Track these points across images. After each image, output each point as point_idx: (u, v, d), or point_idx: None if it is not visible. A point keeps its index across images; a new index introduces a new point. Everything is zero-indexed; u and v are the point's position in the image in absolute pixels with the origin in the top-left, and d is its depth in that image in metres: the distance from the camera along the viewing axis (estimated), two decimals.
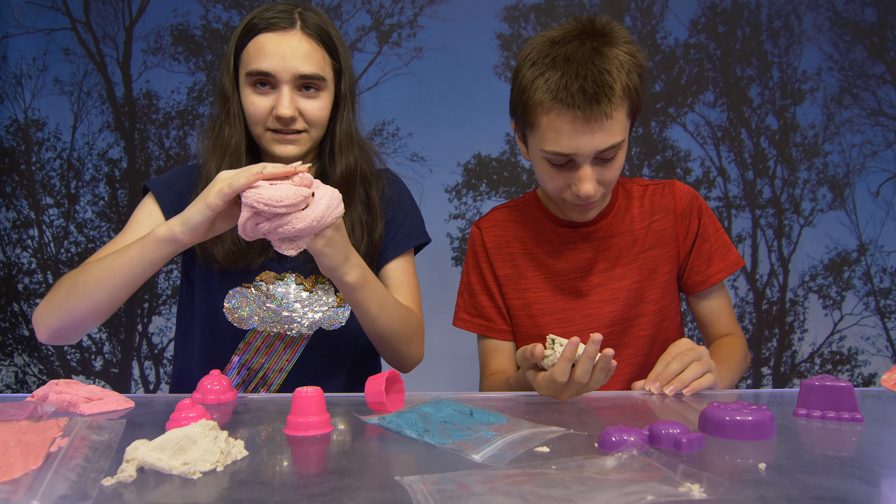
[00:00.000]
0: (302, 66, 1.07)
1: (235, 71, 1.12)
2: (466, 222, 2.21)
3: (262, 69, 1.07)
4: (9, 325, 2.25)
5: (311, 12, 1.12)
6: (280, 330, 1.17)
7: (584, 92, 1.00)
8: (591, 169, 1.06)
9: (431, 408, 0.78)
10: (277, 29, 1.07)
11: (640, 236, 1.21)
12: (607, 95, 1.00)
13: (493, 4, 2.18)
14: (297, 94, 1.09)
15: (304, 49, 1.08)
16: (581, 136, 1.02)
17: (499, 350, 1.27)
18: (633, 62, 1.05)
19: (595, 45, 1.03)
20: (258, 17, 1.09)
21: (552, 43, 1.05)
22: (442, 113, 2.19)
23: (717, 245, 1.22)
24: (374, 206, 1.19)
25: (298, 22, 1.09)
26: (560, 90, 1.01)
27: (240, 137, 1.13)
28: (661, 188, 1.24)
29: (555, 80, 1.01)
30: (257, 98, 1.09)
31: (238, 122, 1.13)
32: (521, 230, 1.25)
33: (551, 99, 1.02)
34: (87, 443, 0.68)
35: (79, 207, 2.24)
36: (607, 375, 0.88)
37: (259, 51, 1.07)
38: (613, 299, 1.20)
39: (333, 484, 0.57)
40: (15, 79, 2.21)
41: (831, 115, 2.19)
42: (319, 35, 1.10)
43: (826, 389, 0.80)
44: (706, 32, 2.19)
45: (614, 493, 0.53)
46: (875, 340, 2.22)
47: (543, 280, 1.22)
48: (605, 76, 1.01)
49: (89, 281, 1.00)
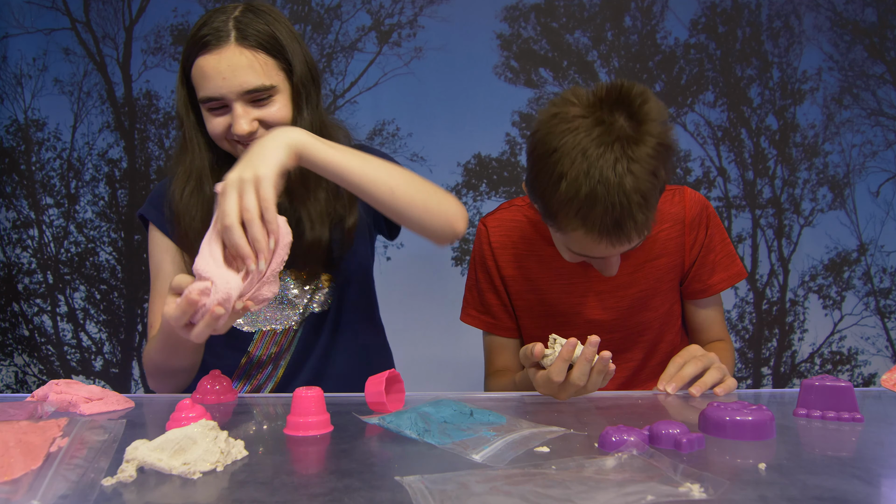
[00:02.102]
0: (245, 81, 1.03)
1: (190, 92, 1.09)
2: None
3: (209, 95, 1.04)
4: (9, 325, 2.25)
5: (249, 15, 1.06)
6: (282, 327, 1.18)
7: (618, 226, 0.95)
8: (615, 260, 1.09)
9: (431, 408, 0.78)
10: (213, 47, 1.03)
11: (648, 245, 1.19)
12: (631, 229, 0.96)
13: (493, 4, 2.17)
14: (250, 106, 1.05)
15: (243, 63, 1.03)
16: (609, 250, 1.01)
17: (504, 347, 1.27)
18: (661, 157, 0.97)
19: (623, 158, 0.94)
20: (195, 35, 1.05)
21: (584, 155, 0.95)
22: (442, 113, 2.19)
23: (721, 255, 1.21)
24: (344, 195, 1.15)
25: (233, 33, 1.03)
26: (595, 224, 0.96)
27: (202, 160, 1.11)
28: (671, 196, 1.21)
29: (590, 214, 0.95)
30: (214, 119, 1.07)
31: (197, 145, 1.12)
32: (528, 230, 1.24)
33: (585, 229, 0.97)
34: (87, 443, 0.68)
35: (79, 207, 2.24)
36: (605, 378, 0.88)
37: (201, 76, 1.04)
38: (617, 307, 1.19)
39: (333, 484, 0.57)
40: (15, 79, 2.21)
41: (831, 115, 2.19)
42: (258, 41, 1.04)
43: (826, 389, 0.80)
44: (706, 32, 2.19)
45: (614, 493, 0.53)
46: (875, 340, 2.22)
47: (548, 283, 1.22)
48: (640, 210, 0.95)
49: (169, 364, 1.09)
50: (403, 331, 2.10)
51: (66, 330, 2.25)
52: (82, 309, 2.25)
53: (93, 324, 2.25)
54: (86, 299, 2.25)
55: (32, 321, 2.24)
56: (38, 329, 2.25)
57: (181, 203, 1.12)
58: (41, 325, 2.25)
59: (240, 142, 1.07)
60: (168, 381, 1.12)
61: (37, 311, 2.24)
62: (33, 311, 2.24)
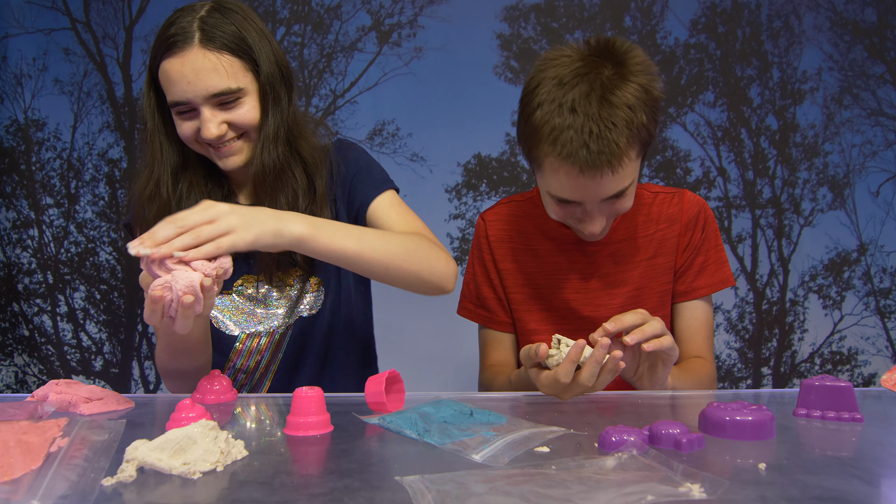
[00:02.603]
0: (210, 84, 1.01)
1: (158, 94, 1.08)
2: (466, 222, 2.21)
3: (175, 100, 1.03)
4: (9, 325, 2.26)
5: (216, 15, 1.03)
6: (264, 329, 1.16)
7: (589, 150, 0.96)
8: (598, 211, 1.06)
9: (431, 408, 0.78)
10: (176, 51, 1.01)
11: (644, 244, 1.20)
12: (612, 154, 0.97)
13: (493, 4, 2.17)
14: (217, 110, 1.04)
15: (207, 65, 1.01)
16: (586, 187, 1.01)
17: (499, 342, 1.27)
18: (644, 99, 0.99)
19: (604, 90, 0.97)
20: (161, 35, 1.03)
21: (560, 84, 0.99)
22: (442, 113, 2.19)
23: (711, 260, 1.20)
24: (319, 195, 1.14)
25: (197, 34, 1.01)
26: (565, 145, 0.98)
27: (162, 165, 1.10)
28: (670, 197, 1.22)
29: (560, 136, 0.98)
30: (183, 122, 1.06)
31: (158, 150, 1.10)
32: (525, 225, 1.25)
33: (556, 154, 0.99)
34: (87, 443, 0.68)
35: (79, 207, 2.24)
36: (613, 376, 0.88)
37: (167, 80, 1.03)
38: (611, 304, 1.19)
39: (333, 484, 0.57)
40: (15, 79, 2.21)
41: (831, 115, 2.19)
42: (223, 43, 1.02)
43: (826, 389, 0.80)
44: (706, 32, 2.19)
45: (614, 493, 0.53)
46: (875, 340, 2.22)
47: (544, 278, 1.22)
48: (610, 133, 0.96)
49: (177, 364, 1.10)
50: (403, 330, 2.11)
51: (66, 330, 2.25)
52: (82, 309, 2.25)
53: (93, 324, 2.25)
54: (86, 299, 2.25)
55: (32, 321, 2.24)
56: (38, 329, 2.25)
57: (139, 204, 1.12)
58: (41, 325, 2.25)
59: (210, 144, 1.07)
60: (180, 382, 1.12)
61: (37, 311, 2.24)
62: (33, 311, 2.24)
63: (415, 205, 2.25)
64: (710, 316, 1.23)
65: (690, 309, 1.21)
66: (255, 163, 1.09)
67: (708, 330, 1.22)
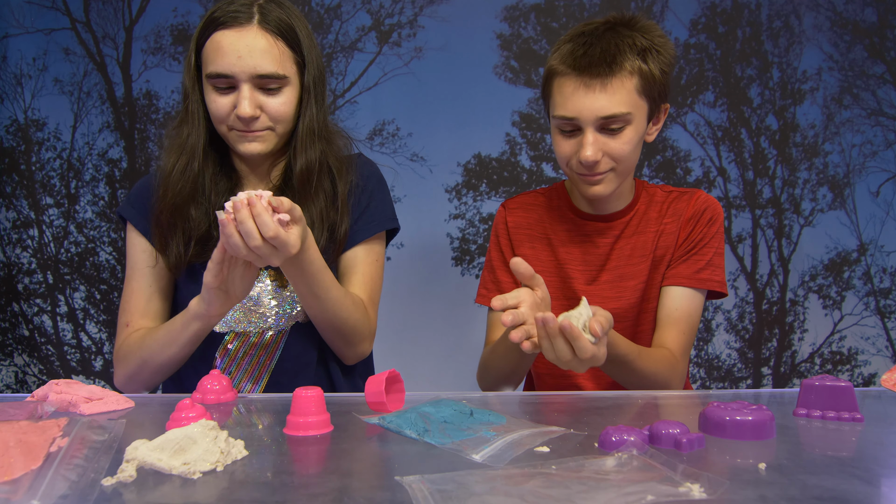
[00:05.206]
0: (259, 64, 1.04)
1: (198, 68, 1.10)
2: (466, 222, 2.21)
3: (219, 72, 1.04)
4: (9, 325, 2.26)
5: (274, 4, 1.08)
6: (256, 329, 1.15)
7: (589, 56, 1.07)
8: (593, 135, 1.09)
9: (431, 408, 0.78)
10: (234, 25, 1.04)
11: (652, 239, 1.22)
12: (611, 62, 1.06)
13: (493, 4, 2.17)
14: (257, 92, 1.06)
15: (261, 45, 1.04)
16: (583, 98, 1.07)
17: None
18: (651, 47, 1.09)
19: (616, 28, 1.10)
20: (219, 9, 1.06)
21: (583, 27, 1.13)
22: (442, 113, 2.19)
23: (702, 255, 1.19)
24: (340, 200, 1.16)
25: (257, 16, 1.05)
26: (567, 55, 1.09)
27: (197, 137, 1.11)
28: (681, 195, 1.25)
29: (567, 50, 1.10)
30: (218, 98, 1.07)
31: (197, 120, 1.11)
32: (544, 215, 1.29)
33: (559, 63, 1.10)
34: (87, 443, 0.68)
35: (79, 207, 2.24)
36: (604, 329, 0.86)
37: (216, 50, 1.04)
38: (619, 297, 1.21)
39: (333, 484, 0.57)
40: (15, 79, 2.21)
41: (831, 115, 2.19)
42: (280, 29, 1.06)
43: (826, 389, 0.80)
44: (706, 32, 2.19)
45: (614, 493, 0.53)
46: (875, 340, 2.22)
47: (556, 266, 1.25)
48: (612, 47, 1.07)
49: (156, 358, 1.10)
50: (403, 330, 2.11)
51: (66, 330, 2.25)
52: (82, 309, 2.25)
53: (93, 324, 2.25)
54: (86, 299, 2.25)
55: (32, 321, 2.24)
56: (38, 329, 2.25)
57: (171, 177, 1.11)
58: (41, 325, 2.25)
59: (235, 128, 1.08)
60: (148, 378, 1.12)
61: (37, 311, 2.24)
62: (33, 311, 2.24)
63: (415, 205, 2.26)
64: (691, 312, 1.18)
65: (670, 297, 1.19)
66: (298, 161, 1.11)
67: (686, 325, 1.17)
